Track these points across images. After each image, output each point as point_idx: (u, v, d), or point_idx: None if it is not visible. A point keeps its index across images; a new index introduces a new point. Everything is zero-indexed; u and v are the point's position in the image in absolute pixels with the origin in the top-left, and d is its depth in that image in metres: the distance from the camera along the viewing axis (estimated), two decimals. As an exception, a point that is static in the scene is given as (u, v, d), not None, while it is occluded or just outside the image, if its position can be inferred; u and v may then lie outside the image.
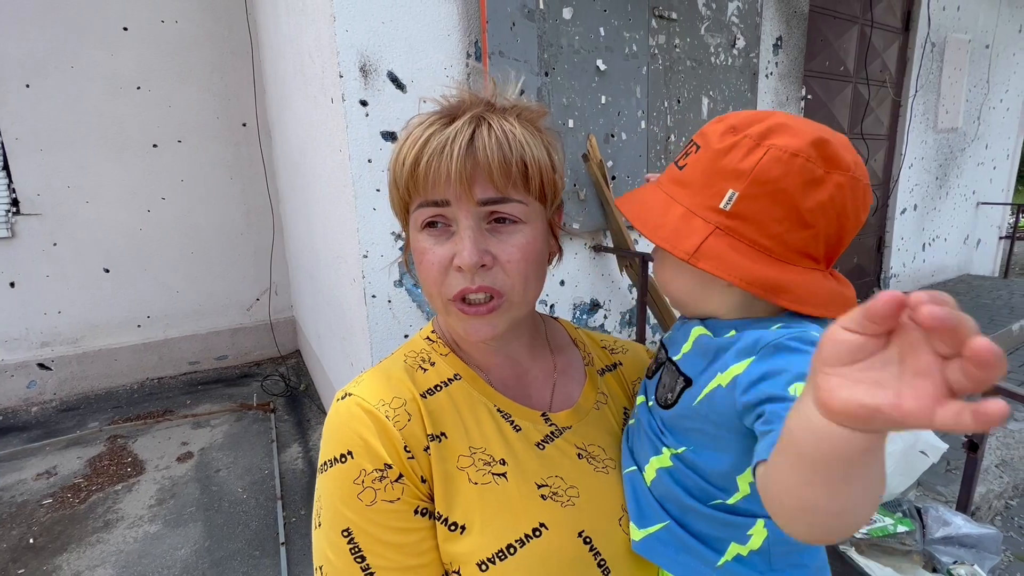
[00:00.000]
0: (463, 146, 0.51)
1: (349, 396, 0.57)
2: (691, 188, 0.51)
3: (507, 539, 0.52)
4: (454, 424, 0.57)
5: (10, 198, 3.19)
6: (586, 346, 0.72)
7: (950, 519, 1.15)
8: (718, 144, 0.50)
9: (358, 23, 1.61)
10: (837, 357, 0.31)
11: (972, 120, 4.62)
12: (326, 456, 0.55)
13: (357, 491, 0.52)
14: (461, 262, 0.52)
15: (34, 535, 2.14)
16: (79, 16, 3.20)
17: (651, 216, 0.52)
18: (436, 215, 0.54)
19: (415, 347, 0.64)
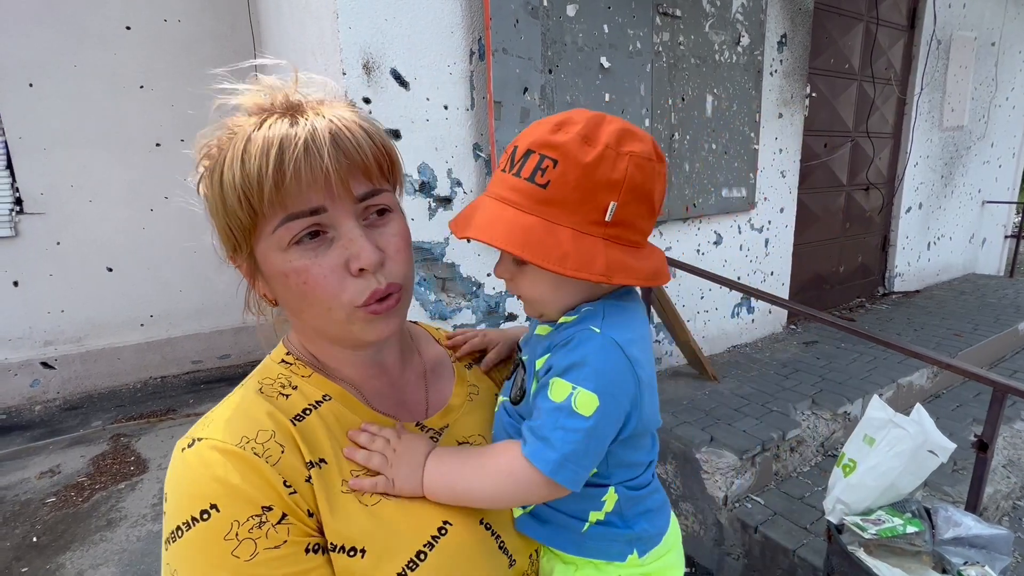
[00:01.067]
0: (329, 142, 0.47)
1: (198, 441, 0.48)
2: (566, 206, 0.50)
3: (414, 547, 0.50)
4: (331, 447, 0.52)
5: (14, 197, 3.20)
6: (442, 339, 0.73)
7: (960, 520, 1.13)
8: (585, 158, 0.49)
9: (361, 20, 1.60)
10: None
11: (978, 118, 4.59)
12: (178, 520, 0.45)
13: (231, 547, 0.44)
14: (364, 264, 0.49)
15: (37, 533, 2.14)
16: (82, 15, 3.20)
17: (542, 246, 0.49)
18: (311, 225, 0.48)
19: (269, 373, 0.57)
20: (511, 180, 0.52)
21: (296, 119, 0.48)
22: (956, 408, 2.79)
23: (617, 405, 0.52)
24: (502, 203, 0.52)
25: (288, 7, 2.41)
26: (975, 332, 3.37)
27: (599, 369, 0.51)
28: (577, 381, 0.51)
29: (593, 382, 0.51)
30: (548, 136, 0.50)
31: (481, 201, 0.54)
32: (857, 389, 2.58)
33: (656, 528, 0.63)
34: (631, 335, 0.54)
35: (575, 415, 0.50)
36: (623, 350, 0.52)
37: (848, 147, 3.78)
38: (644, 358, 0.55)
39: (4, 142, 3.14)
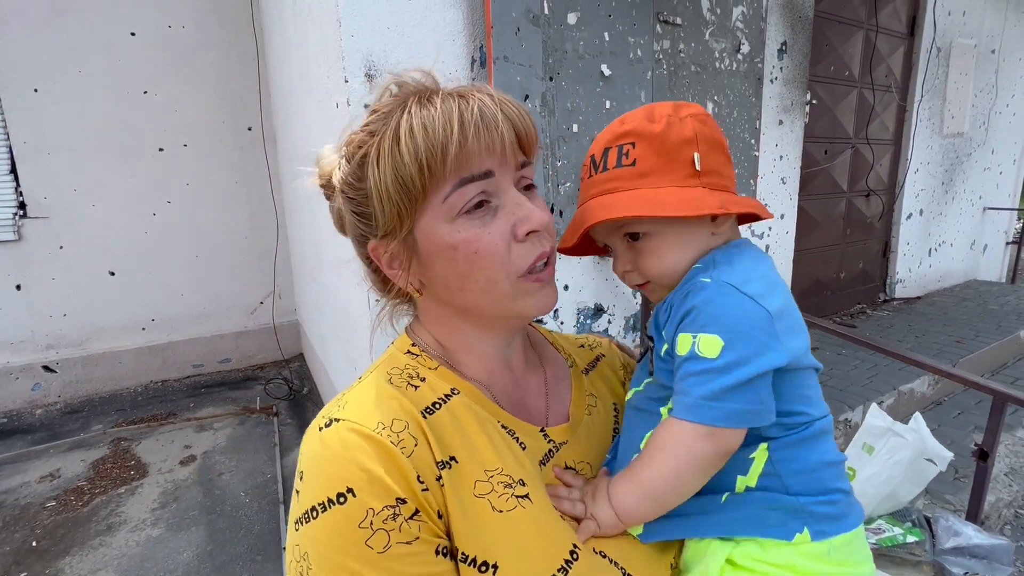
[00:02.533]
0: (500, 112, 0.49)
1: (336, 422, 0.47)
2: (660, 171, 0.55)
3: (550, 569, 0.47)
4: (463, 445, 0.50)
5: (17, 201, 3.21)
6: (564, 348, 0.70)
7: (960, 529, 1.13)
8: (656, 128, 0.55)
9: (364, 28, 1.61)
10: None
11: (979, 125, 4.60)
12: (313, 500, 0.44)
13: (365, 536, 0.43)
14: (536, 224, 0.51)
15: (37, 538, 2.14)
16: (87, 21, 3.23)
17: (659, 203, 0.53)
18: (481, 192, 0.49)
19: (397, 363, 0.55)
20: (601, 177, 0.57)
21: (465, 97, 0.49)
22: (958, 415, 2.78)
23: (749, 340, 0.49)
24: (604, 195, 0.56)
25: (291, 15, 2.43)
26: (976, 339, 3.37)
27: (715, 311, 0.51)
28: (695, 329, 0.51)
29: (713, 325, 0.50)
30: (617, 130, 0.57)
31: (584, 207, 0.58)
32: (858, 396, 2.58)
33: (837, 510, 0.53)
34: (746, 274, 0.53)
35: (702, 359, 0.50)
36: (737, 288, 0.52)
37: (848, 154, 3.79)
38: (768, 290, 0.52)
39: (9, 146, 3.17)
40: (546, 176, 2.08)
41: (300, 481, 0.47)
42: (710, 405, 0.49)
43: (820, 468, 0.54)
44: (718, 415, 0.49)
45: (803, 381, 0.55)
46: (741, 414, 0.50)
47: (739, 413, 0.49)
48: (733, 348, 0.49)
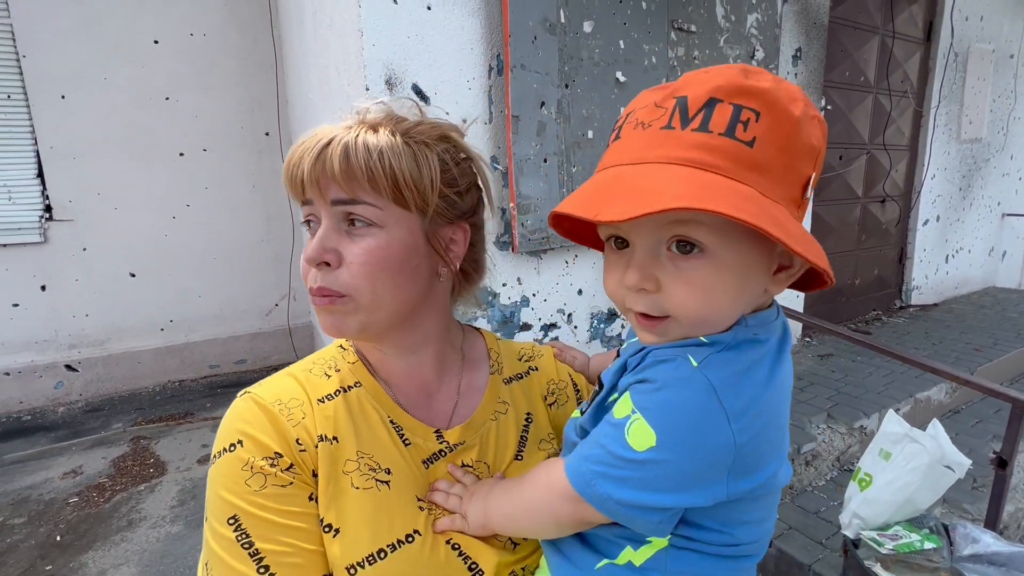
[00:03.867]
0: (315, 151, 0.54)
1: (247, 393, 0.58)
2: (773, 174, 0.39)
3: (379, 544, 0.53)
4: (346, 429, 0.58)
5: (44, 204, 3.30)
6: (500, 355, 0.73)
7: (979, 537, 1.13)
8: (795, 112, 0.39)
9: (384, 38, 1.65)
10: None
11: (997, 131, 4.55)
12: (215, 448, 0.55)
13: (245, 476, 0.52)
14: (305, 256, 0.56)
15: (61, 533, 2.19)
16: (113, 30, 3.32)
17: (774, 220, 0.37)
18: (309, 214, 0.58)
19: (326, 354, 0.65)
20: (694, 138, 0.39)
21: (349, 130, 0.56)
22: (976, 424, 2.75)
23: (685, 459, 0.40)
24: (692, 167, 0.38)
25: (311, 24, 2.48)
26: (995, 347, 3.32)
27: (672, 404, 0.40)
28: (640, 405, 0.41)
29: (657, 417, 0.40)
30: (741, 81, 0.39)
31: (641, 170, 0.40)
32: (873, 403, 2.56)
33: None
34: (742, 379, 0.41)
35: (623, 443, 0.41)
36: (718, 396, 0.39)
37: (864, 159, 3.76)
38: (756, 411, 0.40)
39: (36, 151, 3.26)
40: (561, 182, 2.10)
41: (217, 436, 0.57)
42: (595, 486, 0.43)
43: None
44: (595, 499, 0.43)
45: (750, 507, 0.45)
46: (618, 515, 0.43)
47: (616, 514, 0.43)
48: (661, 455, 0.40)
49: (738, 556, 0.47)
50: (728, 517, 0.44)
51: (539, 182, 2.04)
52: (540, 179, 2.04)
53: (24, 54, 3.14)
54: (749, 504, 0.45)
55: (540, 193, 2.04)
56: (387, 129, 0.56)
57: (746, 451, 0.40)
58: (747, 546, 0.47)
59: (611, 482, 0.42)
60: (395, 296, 0.57)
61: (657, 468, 0.40)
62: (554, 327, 2.26)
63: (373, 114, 0.59)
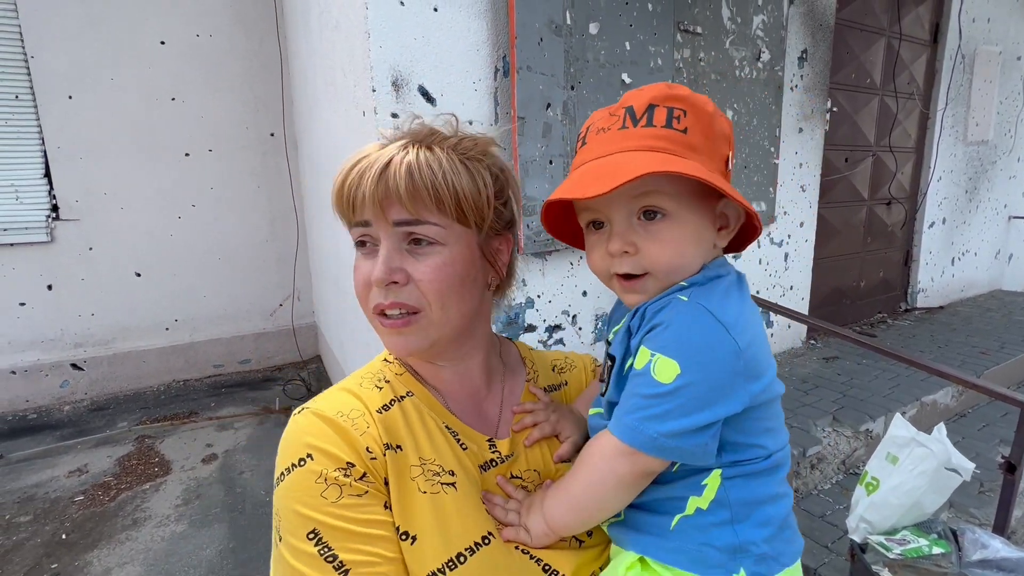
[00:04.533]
0: (376, 171, 0.55)
1: (305, 409, 0.57)
2: (704, 153, 0.52)
3: (457, 547, 0.53)
4: (407, 436, 0.58)
5: (51, 204, 3.32)
6: (535, 366, 0.75)
7: (987, 542, 1.12)
8: (708, 108, 0.53)
9: (391, 39, 1.65)
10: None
11: (1004, 133, 4.52)
12: (281, 467, 0.53)
13: (320, 489, 0.51)
14: (373, 278, 0.56)
15: (66, 531, 2.20)
16: (120, 31, 3.34)
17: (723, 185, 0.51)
18: (363, 235, 0.58)
19: (372, 368, 0.65)
20: (646, 131, 0.51)
21: (386, 150, 0.57)
22: (983, 428, 2.73)
23: (708, 374, 0.47)
24: (649, 151, 0.50)
25: (317, 25, 2.49)
26: (1001, 350, 3.30)
27: (682, 334, 0.48)
28: (656, 347, 0.48)
29: (674, 348, 0.47)
30: (665, 91, 0.52)
31: (612, 159, 0.51)
32: (879, 406, 2.55)
33: (775, 549, 0.52)
34: (725, 299, 0.51)
35: (653, 382, 0.47)
36: (713, 314, 0.48)
37: (870, 162, 3.75)
38: (742, 321, 0.49)
39: (43, 151, 3.28)
40: (566, 183, 2.10)
41: (278, 455, 0.56)
42: (642, 430, 0.48)
43: (768, 500, 0.53)
44: (647, 443, 0.48)
45: (766, 413, 0.53)
46: (671, 450, 0.48)
47: (669, 449, 0.48)
48: (688, 376, 0.47)
49: (774, 468, 0.54)
50: (753, 427, 0.52)
51: (544, 183, 2.03)
52: (546, 180, 2.04)
53: (32, 55, 3.16)
54: (764, 411, 0.53)
55: (546, 195, 2.04)
56: (440, 147, 0.57)
57: (748, 355, 0.49)
58: (777, 454, 0.54)
59: (655, 420, 0.48)
60: (459, 310, 0.59)
61: (689, 391, 0.47)
62: (559, 328, 2.26)
63: (415, 129, 0.60)
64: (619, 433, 0.50)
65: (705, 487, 0.52)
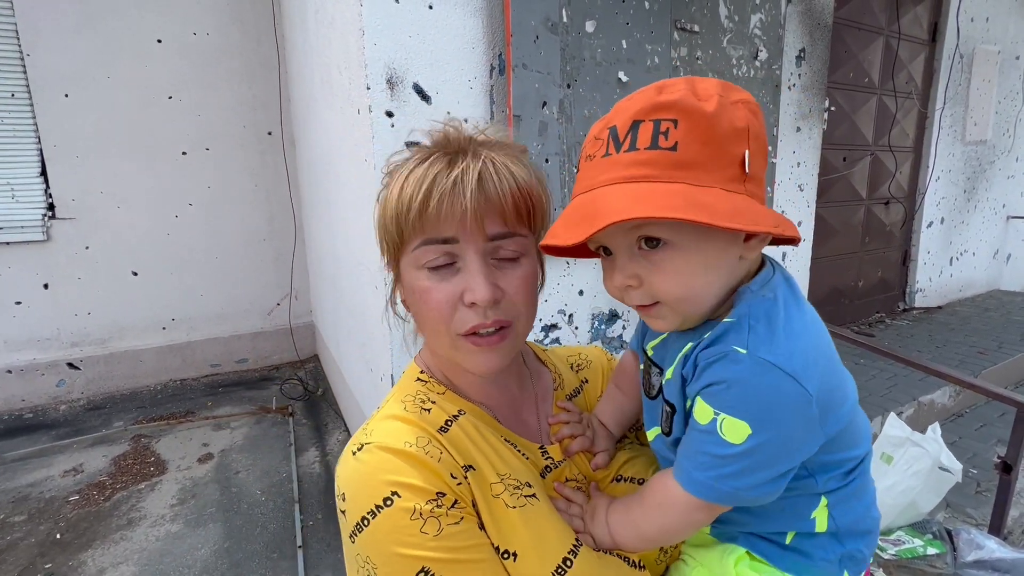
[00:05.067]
0: (474, 183, 0.51)
1: (368, 445, 0.53)
2: (705, 165, 0.45)
3: (559, 555, 0.52)
4: (477, 455, 0.56)
5: (47, 203, 3.31)
6: (556, 367, 0.73)
7: (983, 543, 1.11)
8: (708, 108, 0.45)
9: (386, 37, 1.64)
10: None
11: (1003, 132, 4.52)
12: (362, 511, 0.49)
13: (419, 525, 0.48)
14: (477, 299, 0.52)
15: (61, 531, 2.19)
16: (116, 29, 3.33)
17: (705, 207, 0.42)
18: (443, 253, 0.54)
19: (408, 390, 0.61)
20: (626, 158, 0.46)
21: (456, 159, 0.53)
22: (980, 428, 2.73)
23: (781, 430, 0.45)
24: (628, 183, 0.45)
25: (313, 23, 2.48)
26: (999, 350, 3.30)
27: (748, 395, 0.45)
28: (719, 407, 0.46)
29: (742, 409, 0.45)
30: (655, 99, 0.46)
31: (596, 195, 0.46)
32: (876, 407, 2.54)
33: (869, 549, 0.56)
34: (790, 343, 0.45)
35: (722, 442, 0.46)
36: (779, 367, 0.44)
37: (868, 161, 3.75)
38: (812, 359, 0.46)
39: (39, 150, 3.27)
40: (563, 182, 2.09)
41: (344, 501, 0.52)
42: (719, 488, 0.47)
43: (868, 509, 0.55)
44: (722, 496, 0.48)
45: (853, 430, 0.52)
46: (744, 499, 0.48)
47: (742, 498, 0.48)
48: (761, 436, 0.45)
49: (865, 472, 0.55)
50: (846, 443, 0.52)
51: (540, 182, 2.03)
52: (541, 179, 2.03)
53: (28, 52, 3.15)
54: (853, 427, 0.52)
55: (541, 193, 2.04)
56: (504, 152, 0.56)
57: (823, 396, 0.46)
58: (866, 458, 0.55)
59: (731, 478, 0.47)
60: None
61: (764, 450, 0.46)
62: (555, 328, 2.26)
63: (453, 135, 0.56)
64: (693, 490, 0.49)
65: (815, 520, 0.52)
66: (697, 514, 0.51)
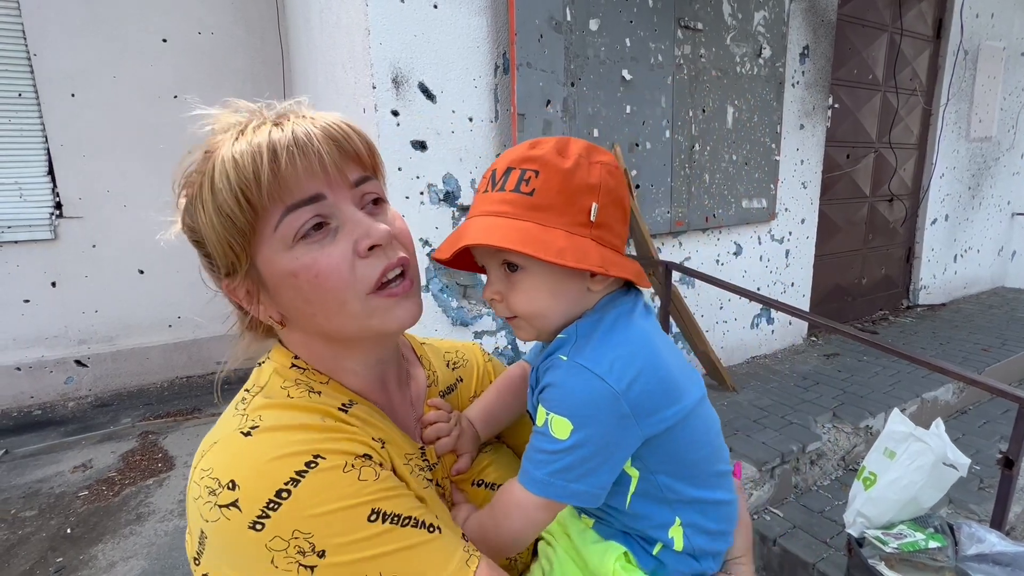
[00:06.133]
0: (319, 134, 0.48)
1: (260, 428, 0.46)
2: (554, 209, 0.52)
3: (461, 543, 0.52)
4: (383, 433, 0.53)
5: (54, 202, 3.34)
6: (431, 363, 0.70)
7: (984, 536, 1.12)
8: (564, 164, 0.53)
9: (392, 36, 1.66)
10: None
11: (1007, 129, 4.50)
12: (270, 491, 0.42)
13: (354, 475, 0.44)
14: (376, 239, 0.49)
15: (71, 525, 2.22)
16: (122, 29, 3.35)
17: (540, 242, 0.51)
18: (314, 216, 0.48)
19: (285, 376, 0.54)
20: (496, 196, 0.54)
21: (280, 124, 0.49)
22: (984, 424, 2.73)
23: (597, 425, 0.51)
24: (493, 216, 0.53)
25: (318, 22, 2.49)
26: (1003, 347, 3.30)
27: (566, 393, 0.52)
28: (549, 407, 0.53)
29: (563, 407, 0.52)
30: (526, 152, 0.54)
31: (469, 222, 0.55)
32: (879, 403, 2.55)
33: (717, 566, 0.62)
34: (599, 350, 0.53)
35: (552, 439, 0.52)
36: (588, 368, 0.52)
37: (871, 158, 3.74)
38: (623, 366, 0.52)
39: (47, 149, 3.29)
40: (566, 180, 2.10)
41: (233, 490, 0.43)
42: (553, 483, 0.52)
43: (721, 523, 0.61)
44: (561, 493, 0.52)
45: (679, 435, 0.56)
46: (580, 495, 0.53)
47: (579, 494, 0.53)
48: (581, 432, 0.51)
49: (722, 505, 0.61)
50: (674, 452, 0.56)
51: (544, 180, 2.04)
52: (545, 177, 2.04)
53: (35, 53, 3.17)
54: (694, 425, 0.57)
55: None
56: (327, 113, 0.55)
57: (632, 395, 0.51)
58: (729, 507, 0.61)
59: (562, 474, 0.52)
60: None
61: (586, 444, 0.51)
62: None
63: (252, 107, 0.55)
64: (533, 488, 0.53)
65: (673, 539, 0.58)
66: (539, 513, 0.54)
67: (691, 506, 0.58)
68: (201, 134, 0.54)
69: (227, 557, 0.44)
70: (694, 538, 0.58)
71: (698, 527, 0.58)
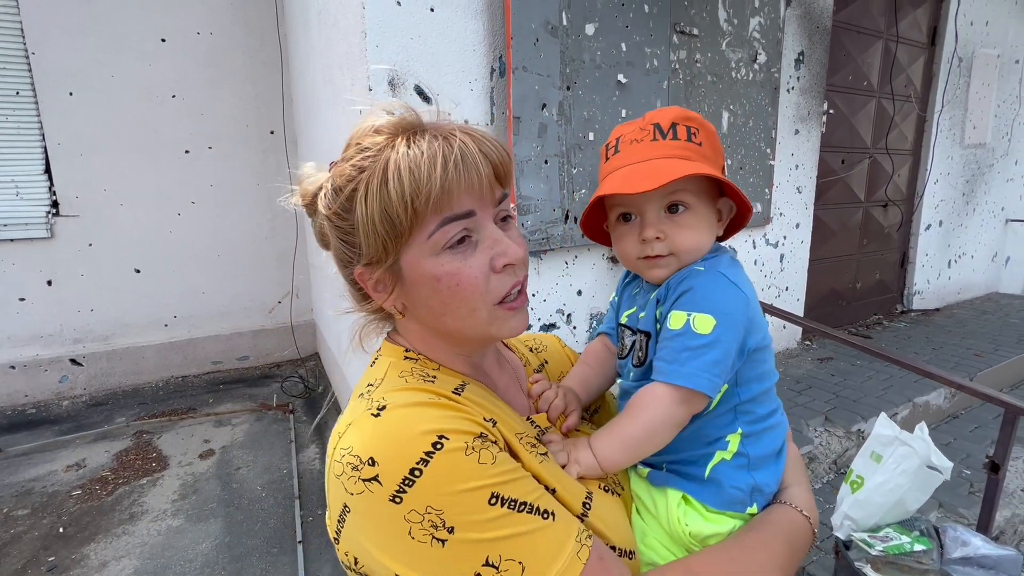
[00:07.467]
0: (482, 153, 0.53)
1: (388, 408, 0.50)
2: (713, 162, 0.65)
3: (583, 493, 0.57)
4: (493, 415, 0.57)
5: (51, 200, 3.34)
6: (517, 348, 0.78)
7: (968, 539, 1.13)
8: (712, 128, 0.66)
9: (388, 39, 1.67)
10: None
11: (1001, 136, 4.54)
12: (408, 464, 0.46)
13: (475, 459, 0.48)
14: (512, 258, 0.55)
15: (64, 524, 2.22)
16: (120, 28, 3.36)
17: (732, 186, 0.65)
18: (463, 229, 0.53)
19: (401, 367, 0.59)
20: (673, 144, 0.63)
21: (449, 139, 0.53)
22: (975, 429, 2.75)
23: (733, 322, 0.60)
24: (680, 159, 0.62)
25: (316, 24, 2.51)
26: (996, 352, 3.32)
27: (708, 293, 0.61)
28: (690, 308, 0.60)
29: (706, 305, 0.60)
30: (681, 113, 0.65)
31: (651, 164, 0.62)
32: (872, 407, 2.56)
33: (775, 483, 0.68)
34: (731, 266, 0.65)
35: (695, 335, 0.59)
36: (726, 276, 0.63)
37: (866, 164, 3.77)
38: (747, 282, 0.64)
39: (44, 147, 3.29)
40: (561, 183, 2.11)
41: (373, 466, 0.47)
42: (699, 375, 0.59)
43: (776, 454, 0.68)
44: (706, 383, 0.59)
45: (765, 356, 0.67)
46: (717, 385, 0.61)
47: (717, 385, 0.60)
48: (722, 327, 0.59)
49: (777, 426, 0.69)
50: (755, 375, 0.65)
51: (540, 183, 2.05)
52: (541, 180, 2.05)
53: (33, 51, 3.18)
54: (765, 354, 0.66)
55: (540, 194, 2.06)
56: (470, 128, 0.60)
57: (753, 304, 0.64)
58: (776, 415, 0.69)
59: (708, 367, 0.59)
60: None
61: (725, 337, 0.60)
62: (553, 327, 2.28)
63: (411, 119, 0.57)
64: (681, 381, 0.59)
65: (729, 443, 0.65)
66: (678, 408, 0.60)
67: (753, 423, 0.65)
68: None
69: (368, 529, 0.48)
70: (749, 447, 0.65)
71: (754, 437, 0.65)
